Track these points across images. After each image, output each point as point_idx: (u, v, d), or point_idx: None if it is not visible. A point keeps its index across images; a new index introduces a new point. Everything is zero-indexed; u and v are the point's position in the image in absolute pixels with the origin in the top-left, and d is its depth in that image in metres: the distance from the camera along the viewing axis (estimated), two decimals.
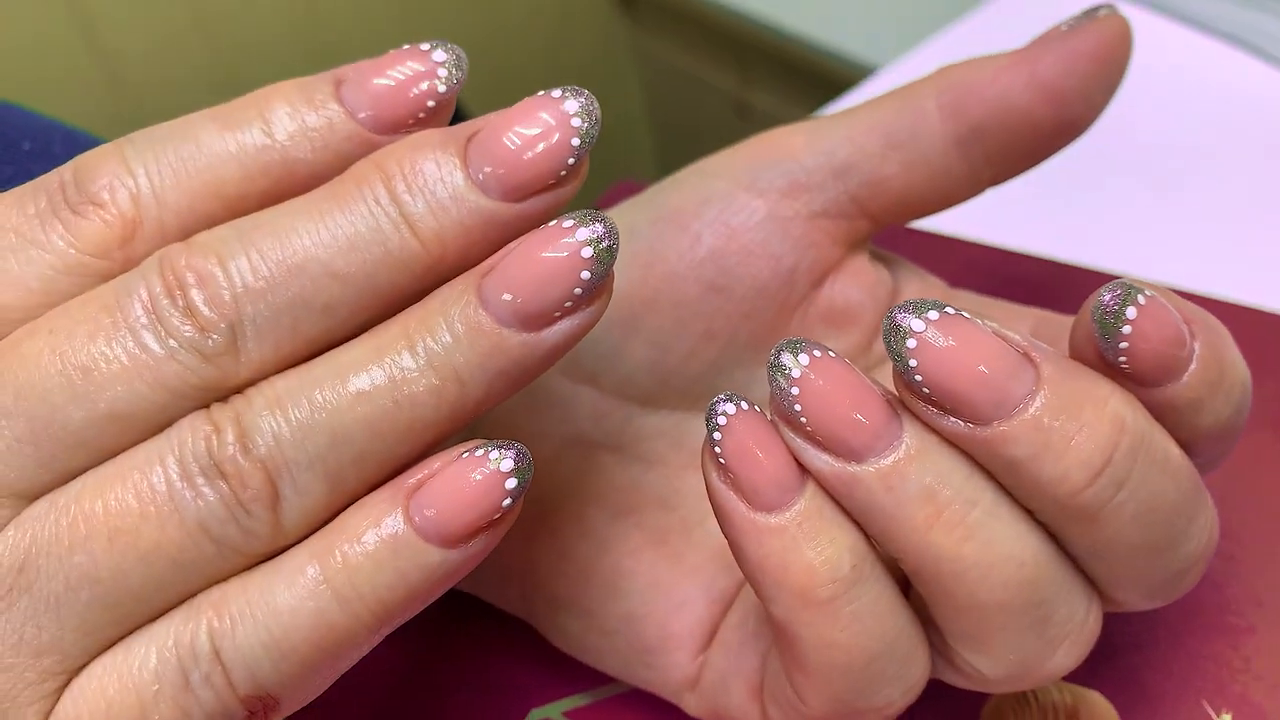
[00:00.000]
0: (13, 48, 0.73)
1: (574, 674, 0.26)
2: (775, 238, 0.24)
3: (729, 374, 0.24)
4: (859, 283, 0.24)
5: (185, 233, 0.18)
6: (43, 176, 0.18)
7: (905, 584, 0.20)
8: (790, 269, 0.24)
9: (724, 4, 0.91)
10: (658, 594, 0.23)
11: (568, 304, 0.17)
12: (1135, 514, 0.18)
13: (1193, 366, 0.19)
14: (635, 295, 0.24)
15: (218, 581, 0.17)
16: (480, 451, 0.17)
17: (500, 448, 0.17)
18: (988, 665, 0.20)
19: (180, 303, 0.17)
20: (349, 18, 0.89)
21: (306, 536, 0.17)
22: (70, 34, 0.76)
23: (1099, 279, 0.32)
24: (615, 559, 0.23)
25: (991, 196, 0.25)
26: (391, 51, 0.19)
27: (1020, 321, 0.24)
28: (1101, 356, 0.18)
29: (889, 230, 0.26)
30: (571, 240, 0.17)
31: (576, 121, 0.18)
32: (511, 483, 0.17)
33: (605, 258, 0.17)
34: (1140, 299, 0.18)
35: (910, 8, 0.81)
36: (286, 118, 0.18)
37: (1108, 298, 0.18)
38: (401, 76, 0.18)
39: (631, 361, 0.24)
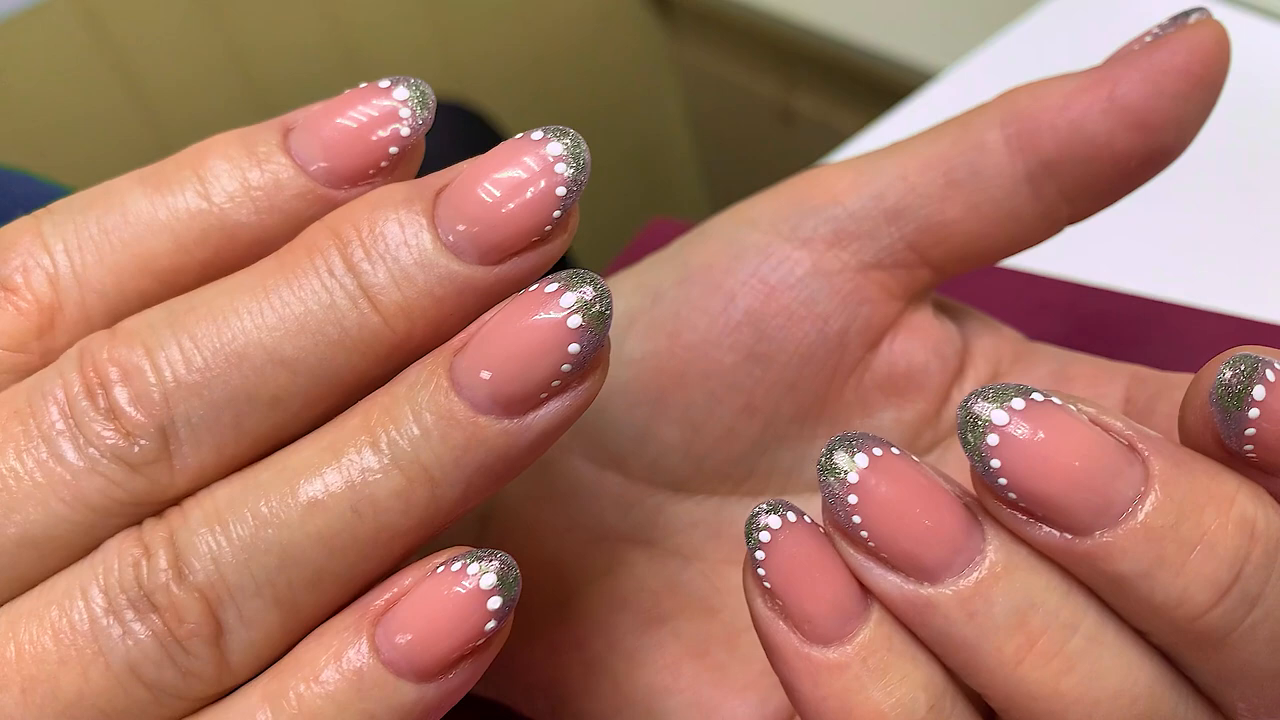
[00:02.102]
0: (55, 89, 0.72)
1: None
2: (822, 295, 0.20)
3: (772, 454, 0.21)
4: (922, 341, 0.21)
5: (113, 317, 0.15)
6: None
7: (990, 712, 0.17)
8: (840, 331, 0.20)
9: (765, 9, 0.88)
10: (700, 715, 0.20)
11: (555, 383, 0.15)
12: (1272, 635, 0.15)
13: None
14: (662, 368, 0.21)
15: None
16: (458, 565, 0.15)
17: (481, 559, 0.15)
18: None
19: (102, 404, 0.14)
20: (379, 35, 0.88)
21: (260, 672, 0.15)
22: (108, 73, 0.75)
23: (1191, 316, 0.28)
24: (650, 674, 0.20)
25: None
26: (347, 91, 0.16)
27: (1113, 381, 0.21)
28: (1222, 443, 0.15)
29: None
30: (556, 307, 0.14)
31: (561, 168, 0.15)
32: (495, 602, 0.14)
33: (597, 326, 0.15)
34: (1269, 374, 0.15)
35: (959, 10, 0.77)
36: (225, 175, 0.15)
37: (1229, 375, 0.15)
38: (359, 120, 0.16)
39: (660, 443, 0.21)
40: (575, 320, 0.14)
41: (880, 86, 0.85)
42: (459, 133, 0.84)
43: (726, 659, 0.20)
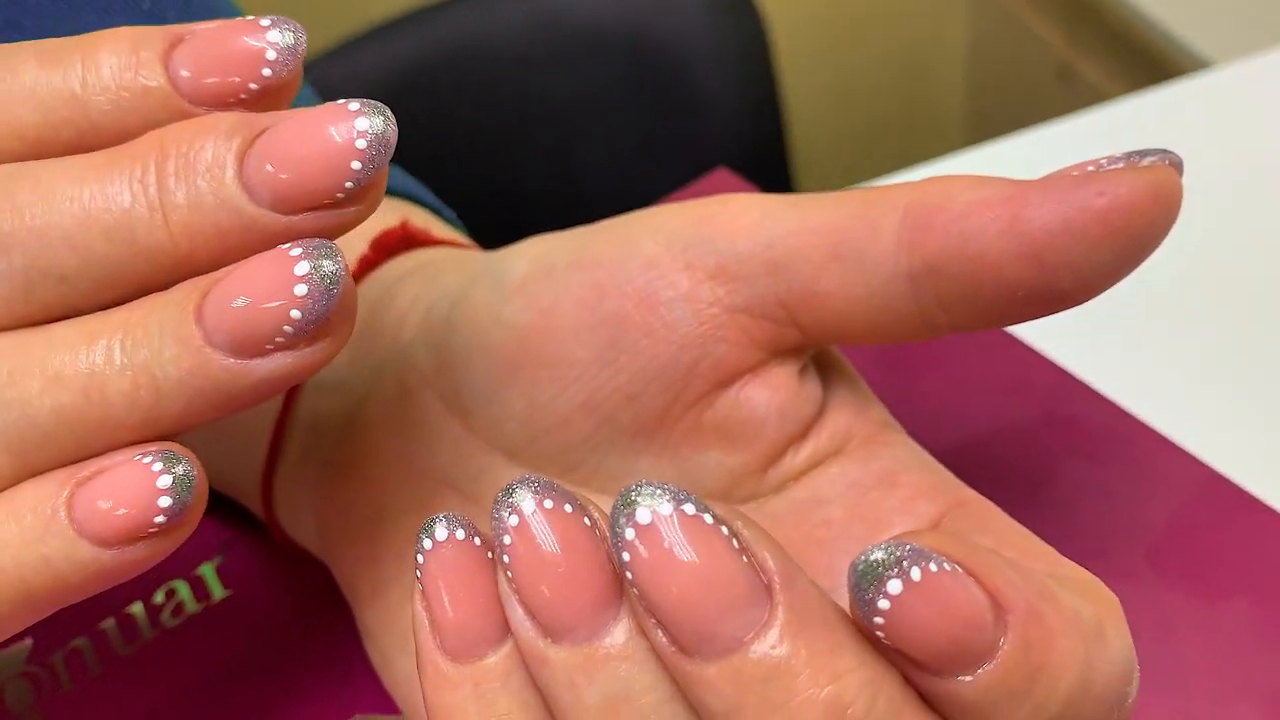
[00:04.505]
0: None
1: None
2: (686, 322, 0.20)
3: (603, 454, 0.21)
4: (769, 397, 0.21)
5: None
6: None
7: None
8: (691, 362, 0.20)
9: None
10: None
11: (279, 339, 0.16)
12: None
13: (987, 665, 0.15)
14: (526, 341, 0.21)
15: None
16: (148, 459, 0.16)
17: (167, 461, 0.16)
18: None
19: None
20: None
21: None
22: None
23: (1167, 451, 0.26)
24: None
25: None
26: (236, 19, 0.17)
27: (933, 501, 0.20)
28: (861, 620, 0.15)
29: None
30: (290, 270, 0.16)
31: (362, 144, 0.16)
32: (165, 500, 0.16)
33: (320, 299, 0.16)
34: (914, 572, 0.14)
35: (1262, 8, 0.69)
36: (105, 69, 0.17)
37: (876, 556, 0.14)
38: (233, 49, 0.17)
39: (505, 409, 0.22)
40: (301, 289, 0.16)
41: (1160, 66, 0.78)
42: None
43: None
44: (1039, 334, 0.29)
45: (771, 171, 0.83)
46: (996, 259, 0.18)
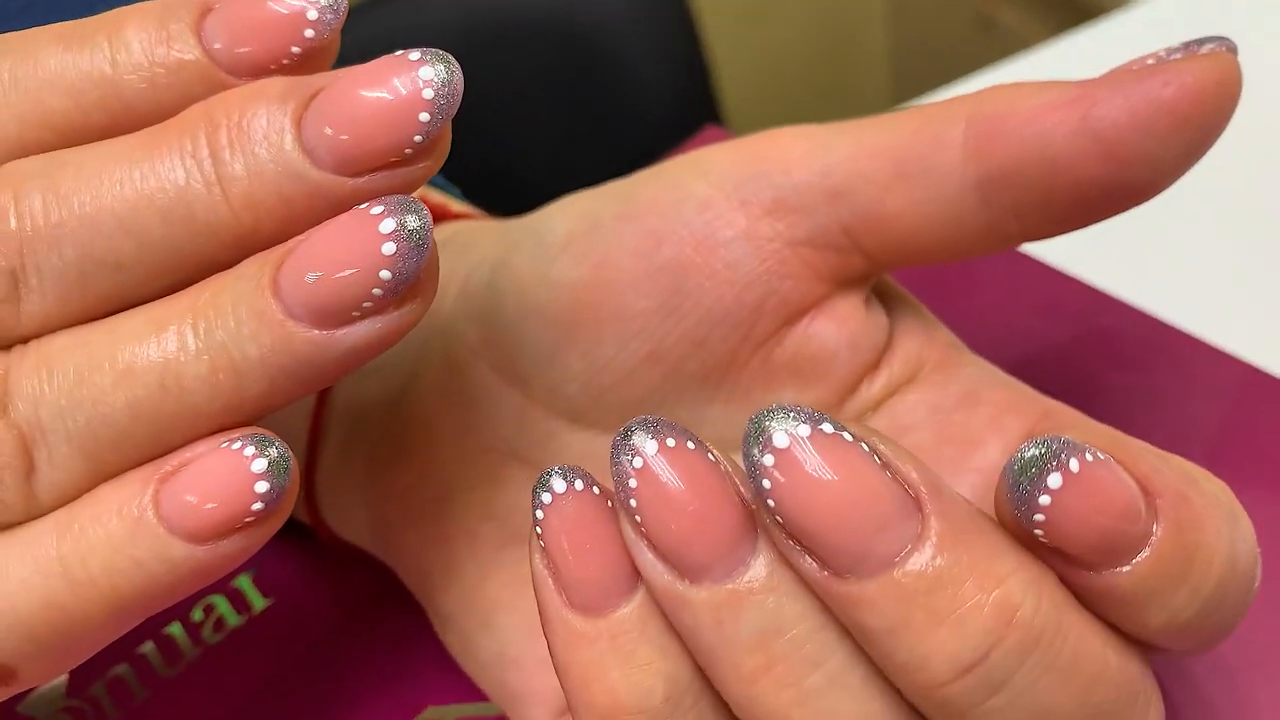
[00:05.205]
0: None
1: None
2: (747, 260, 0.20)
3: (670, 406, 0.21)
4: (839, 329, 0.20)
5: (11, 159, 0.16)
6: None
7: None
8: (757, 300, 0.20)
9: None
10: (529, 640, 0.21)
11: (367, 304, 0.15)
12: None
13: (1144, 553, 0.15)
14: (580, 299, 0.21)
15: None
16: (238, 444, 0.15)
17: (260, 444, 0.15)
18: None
19: None
20: None
21: None
22: None
23: (1207, 354, 0.26)
24: (497, 588, 0.21)
25: None
26: None
27: (1020, 414, 0.20)
28: (1017, 521, 0.15)
29: None
30: (375, 228, 0.15)
31: (429, 93, 0.15)
32: (263, 485, 0.15)
33: (411, 255, 0.15)
34: (1072, 464, 0.14)
35: None
36: (135, 46, 0.16)
37: (1031, 453, 0.14)
38: (268, 14, 0.16)
39: (564, 371, 0.21)
40: (390, 246, 0.15)
41: (1084, 10, 0.79)
42: None
43: None
44: (1053, 255, 0.29)
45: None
46: (1070, 159, 0.18)
